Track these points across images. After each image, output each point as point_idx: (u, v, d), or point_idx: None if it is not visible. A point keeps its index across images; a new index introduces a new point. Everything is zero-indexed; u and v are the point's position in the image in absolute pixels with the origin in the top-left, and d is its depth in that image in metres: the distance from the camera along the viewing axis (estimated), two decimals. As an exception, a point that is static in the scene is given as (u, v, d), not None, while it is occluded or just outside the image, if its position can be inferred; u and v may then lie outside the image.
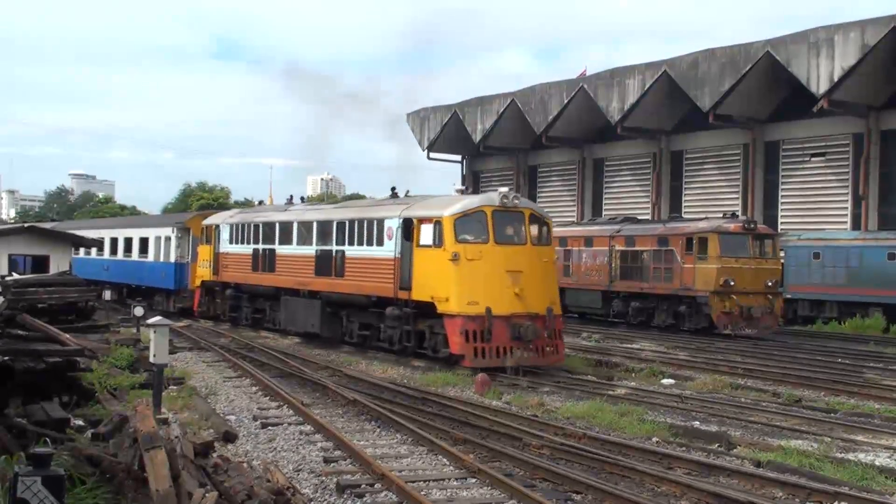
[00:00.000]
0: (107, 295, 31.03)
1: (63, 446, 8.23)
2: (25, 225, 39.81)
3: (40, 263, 28.57)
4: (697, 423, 14.55)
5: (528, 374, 19.21)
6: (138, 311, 23.84)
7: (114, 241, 41.07)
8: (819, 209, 39.29)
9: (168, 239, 35.58)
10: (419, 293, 20.31)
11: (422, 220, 20.58)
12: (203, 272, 31.58)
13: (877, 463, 11.80)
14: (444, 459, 11.69)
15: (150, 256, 37.12)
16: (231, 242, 29.73)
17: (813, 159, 40.00)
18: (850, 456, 12.19)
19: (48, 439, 8.11)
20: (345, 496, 10.03)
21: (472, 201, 20.65)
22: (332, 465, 11.46)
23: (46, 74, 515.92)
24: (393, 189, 24.74)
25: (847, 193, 38.50)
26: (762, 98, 39.64)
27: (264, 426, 13.88)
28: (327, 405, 15.93)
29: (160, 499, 6.71)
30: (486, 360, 19.12)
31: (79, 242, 36.13)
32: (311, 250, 25.11)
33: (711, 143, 43.63)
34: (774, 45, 37.07)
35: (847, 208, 38.41)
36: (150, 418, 7.89)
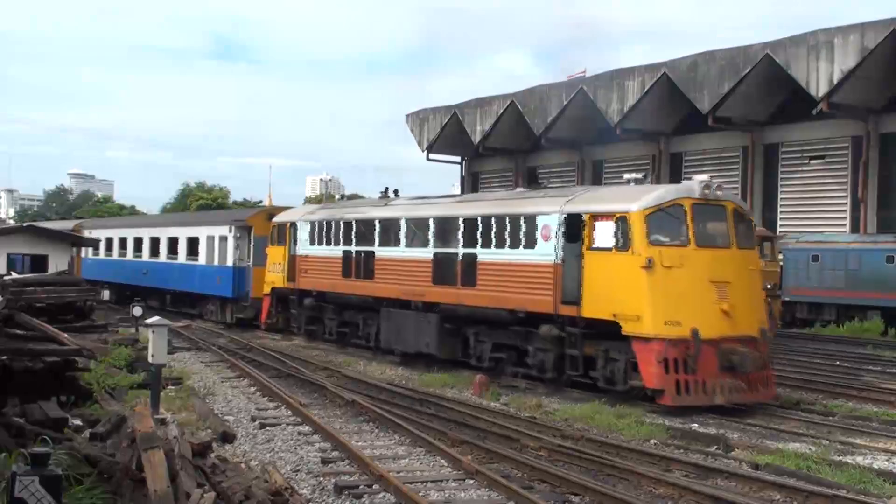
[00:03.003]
0: (105, 295, 30.78)
1: (61, 446, 8.22)
2: (24, 224, 39.79)
3: (39, 263, 28.59)
4: (695, 425, 14.55)
5: (720, 410, 15.63)
6: (137, 310, 23.86)
7: (154, 242, 36.75)
8: (818, 212, 39.30)
9: (224, 239, 31.37)
10: (593, 309, 16.38)
11: (596, 217, 16.60)
12: (274, 278, 27.16)
13: (874, 466, 11.82)
14: (443, 461, 11.70)
15: (202, 259, 32.79)
16: (312, 243, 25.41)
17: (812, 162, 40.03)
18: (848, 459, 12.20)
19: (46, 439, 8.11)
20: (343, 497, 10.03)
21: (667, 192, 16.66)
22: (330, 465, 11.47)
23: (45, 73, 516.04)
24: (534, 179, 21.49)
25: (846, 196, 38.52)
26: (761, 100, 39.66)
27: (262, 426, 13.89)
28: (325, 406, 15.94)
29: (158, 499, 6.71)
30: (692, 396, 15.28)
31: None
32: (426, 253, 20.83)
33: (710, 146, 43.65)
34: (774, 48, 37.07)
35: (846, 211, 38.42)
36: (148, 418, 7.89)
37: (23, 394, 9.90)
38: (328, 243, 24.72)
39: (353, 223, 23.87)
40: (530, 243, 17.84)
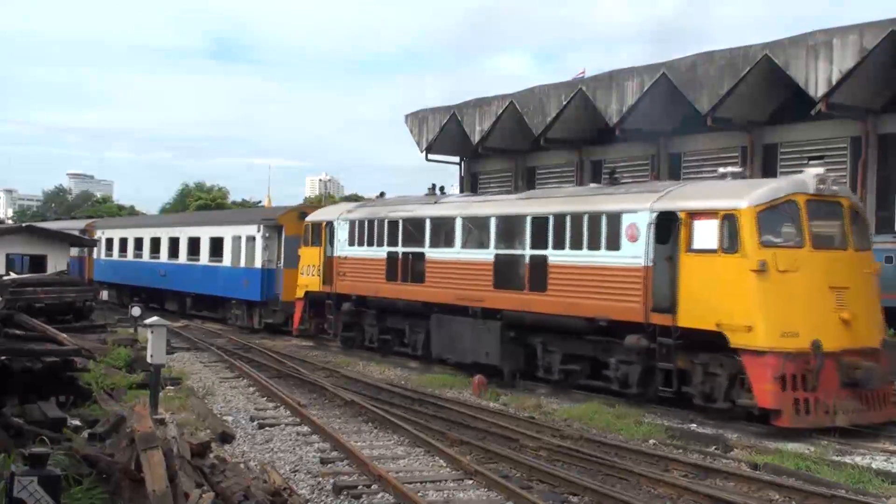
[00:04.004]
0: (104, 295, 30.66)
1: (60, 446, 8.24)
2: (23, 224, 39.78)
3: (38, 263, 28.63)
4: (694, 425, 14.55)
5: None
6: (136, 311, 23.88)
7: (174, 242, 35.12)
8: (817, 212, 39.30)
9: (252, 239, 29.80)
10: (692, 317, 14.65)
11: (695, 215, 14.88)
12: (307, 281, 25.47)
13: (873, 466, 11.83)
14: (441, 461, 11.71)
15: (226, 260, 31.17)
16: (352, 244, 23.59)
17: (811, 162, 39.98)
18: (847, 459, 12.21)
19: (45, 439, 8.12)
20: (341, 497, 10.04)
21: (779, 187, 14.86)
22: (329, 465, 11.48)
23: (44, 74, 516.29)
24: (610, 173, 19.28)
25: (845, 196, 38.56)
26: (760, 101, 39.66)
27: (261, 427, 13.90)
28: (324, 406, 15.95)
29: (157, 499, 6.71)
30: (812, 417, 13.65)
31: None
32: (486, 255, 19.04)
33: (710, 146, 43.63)
34: (773, 49, 37.08)
35: (845, 211, 38.46)
36: (147, 418, 7.89)
37: (22, 394, 9.92)
38: (370, 244, 22.92)
39: (400, 222, 21.99)
40: (613, 244, 16.14)
